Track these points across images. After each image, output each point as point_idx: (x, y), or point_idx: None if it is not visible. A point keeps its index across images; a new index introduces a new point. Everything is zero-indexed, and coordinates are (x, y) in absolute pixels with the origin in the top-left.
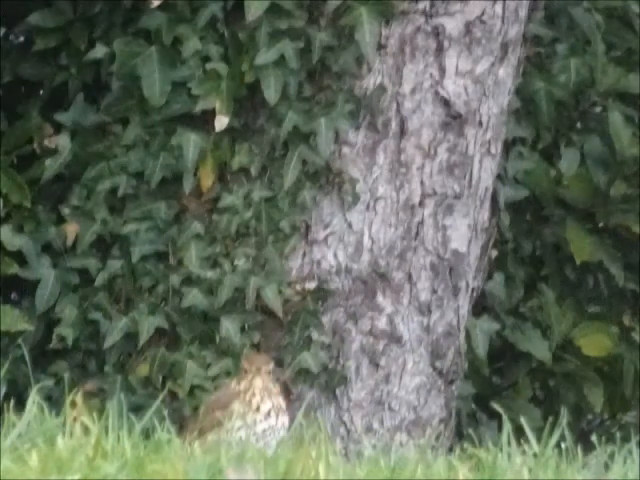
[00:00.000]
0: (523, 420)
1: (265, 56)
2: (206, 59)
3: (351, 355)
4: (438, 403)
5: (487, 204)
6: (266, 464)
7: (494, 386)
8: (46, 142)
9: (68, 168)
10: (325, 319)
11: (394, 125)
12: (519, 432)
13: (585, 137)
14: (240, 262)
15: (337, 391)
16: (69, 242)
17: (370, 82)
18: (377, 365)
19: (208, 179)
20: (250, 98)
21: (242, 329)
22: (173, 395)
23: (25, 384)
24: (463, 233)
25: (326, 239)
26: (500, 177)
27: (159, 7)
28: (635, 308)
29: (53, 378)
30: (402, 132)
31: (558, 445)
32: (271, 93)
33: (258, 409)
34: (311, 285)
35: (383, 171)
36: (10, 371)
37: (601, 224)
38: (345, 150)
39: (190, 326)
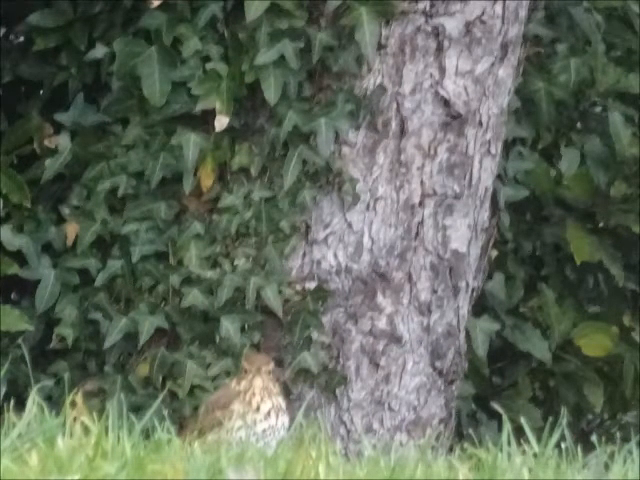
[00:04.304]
0: (523, 420)
1: (265, 56)
2: (206, 59)
3: (351, 355)
4: (438, 403)
5: (487, 204)
6: (266, 464)
7: (494, 386)
8: (46, 142)
9: (68, 168)
10: (325, 319)
11: (394, 125)
12: (519, 432)
13: (585, 137)
14: (240, 262)
15: (337, 391)
16: (69, 242)
17: (370, 82)
18: (377, 365)
19: (208, 179)
20: (250, 98)
21: (242, 329)
22: (173, 395)
23: (25, 384)
24: (463, 233)
25: (326, 239)
26: (500, 177)
27: (159, 7)
28: (635, 308)
29: (53, 378)
30: (402, 132)
31: (558, 445)
32: (271, 93)
33: (258, 409)
34: (311, 285)
35: (383, 171)
36: (10, 371)
37: (601, 224)
38: (345, 150)
39: (190, 326)
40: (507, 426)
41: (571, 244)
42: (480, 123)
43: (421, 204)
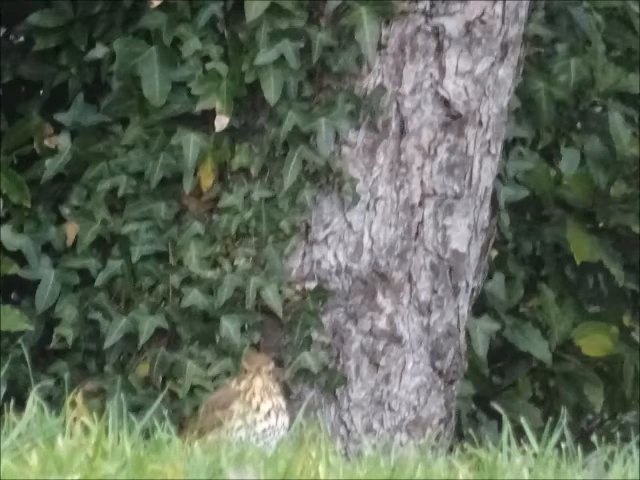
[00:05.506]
0: (523, 420)
1: (265, 56)
2: (206, 59)
3: (351, 355)
4: (438, 403)
5: (487, 204)
6: (266, 464)
7: (494, 386)
8: (46, 142)
9: (68, 168)
10: (325, 319)
11: (394, 125)
12: (519, 432)
13: (585, 137)
14: (240, 262)
15: (337, 391)
16: (69, 242)
17: (370, 82)
18: (377, 365)
19: (208, 179)
20: (250, 98)
21: (242, 329)
22: (173, 395)
23: (25, 384)
24: (463, 233)
25: (326, 239)
26: (500, 177)
27: (159, 7)
28: (635, 308)
29: (53, 378)
30: (402, 132)
31: (558, 445)
32: (271, 93)
33: (258, 409)
34: (311, 285)
35: (383, 171)
36: (10, 371)
37: (601, 224)
38: (345, 150)
39: (190, 326)
40: (507, 426)
41: (571, 244)
42: (480, 123)
43: (421, 204)
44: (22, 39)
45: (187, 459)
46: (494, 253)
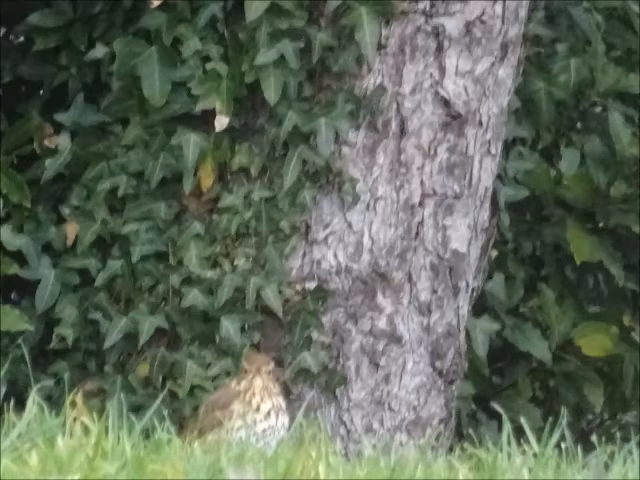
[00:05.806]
0: (523, 420)
1: (265, 56)
2: (206, 59)
3: (351, 355)
4: (438, 403)
5: (487, 204)
6: (266, 464)
7: (494, 386)
8: (46, 142)
9: (68, 168)
10: (325, 319)
11: (394, 125)
12: (519, 432)
13: (585, 137)
14: (240, 262)
15: (337, 391)
16: (69, 242)
17: (370, 82)
18: (377, 365)
19: (208, 179)
20: (250, 98)
21: (242, 329)
22: (173, 395)
23: (25, 384)
24: (463, 233)
25: (326, 239)
26: (500, 177)
27: (159, 7)
28: (635, 308)
29: (53, 378)
30: (402, 132)
31: (558, 445)
32: (271, 93)
33: (258, 409)
34: (311, 285)
35: (383, 171)
36: (10, 371)
37: (601, 224)
38: (345, 150)
39: (190, 326)
40: (507, 426)
41: (571, 244)
42: (480, 123)
43: (421, 204)
44: (22, 39)
45: (187, 459)
46: (494, 253)
